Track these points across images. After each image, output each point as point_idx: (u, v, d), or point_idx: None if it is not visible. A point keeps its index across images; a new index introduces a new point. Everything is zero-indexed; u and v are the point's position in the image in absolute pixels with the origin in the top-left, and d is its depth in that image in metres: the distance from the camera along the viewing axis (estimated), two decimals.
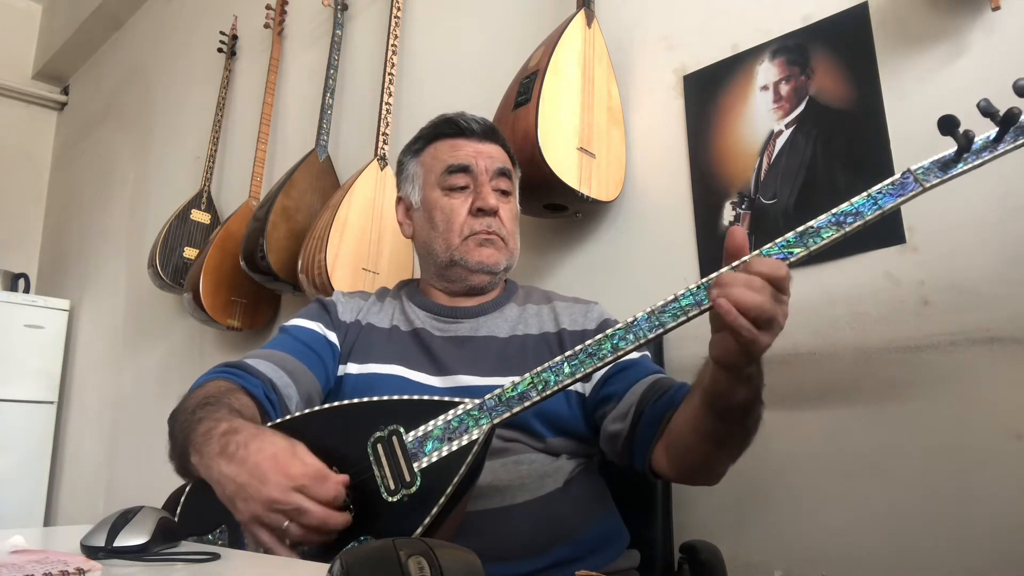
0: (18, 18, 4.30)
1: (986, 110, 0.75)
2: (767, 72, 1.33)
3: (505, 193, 1.14)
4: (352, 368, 1.06)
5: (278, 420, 0.92)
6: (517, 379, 0.82)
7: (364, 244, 1.82)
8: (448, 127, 1.15)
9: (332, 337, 1.09)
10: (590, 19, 1.51)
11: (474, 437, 0.80)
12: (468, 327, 1.10)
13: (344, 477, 0.78)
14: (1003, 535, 0.98)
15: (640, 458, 0.96)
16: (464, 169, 1.11)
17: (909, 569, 1.05)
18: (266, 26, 2.63)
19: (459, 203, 1.10)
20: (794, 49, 1.30)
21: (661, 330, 0.78)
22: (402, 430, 0.82)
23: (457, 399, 0.83)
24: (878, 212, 0.76)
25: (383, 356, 1.07)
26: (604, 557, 0.98)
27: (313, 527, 0.75)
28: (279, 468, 0.75)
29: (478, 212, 1.09)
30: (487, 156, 1.12)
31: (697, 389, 0.86)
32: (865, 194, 0.77)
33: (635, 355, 1.02)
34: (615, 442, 0.99)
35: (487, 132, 1.15)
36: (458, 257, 1.10)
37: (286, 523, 0.74)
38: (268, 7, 2.63)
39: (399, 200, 1.21)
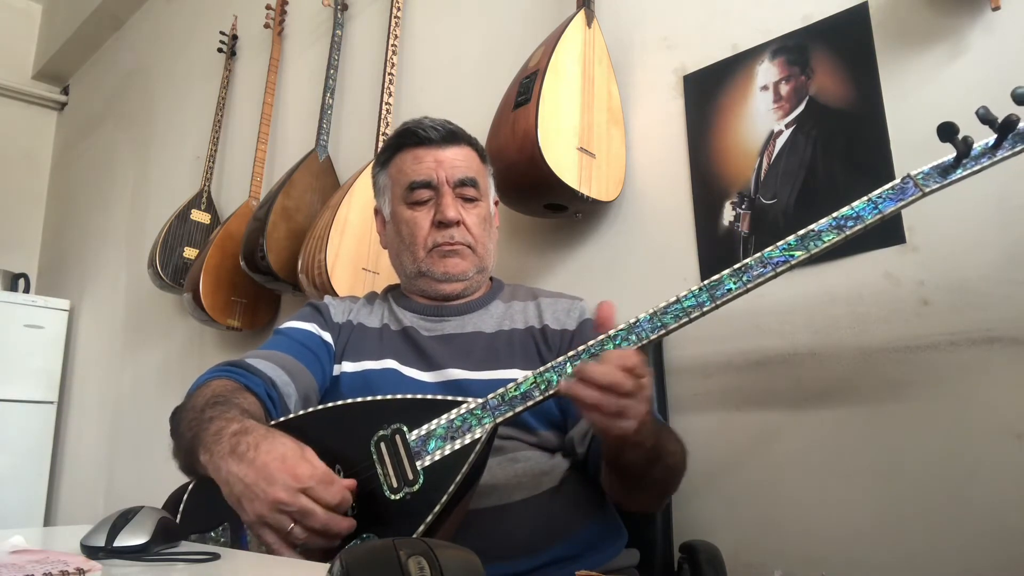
0: (18, 18, 4.30)
1: (985, 117, 0.75)
2: (767, 72, 1.33)
3: (470, 199, 1.14)
4: (347, 367, 1.08)
5: (281, 419, 0.92)
6: (520, 379, 0.82)
7: (364, 244, 1.82)
8: (409, 137, 1.14)
9: (327, 337, 1.10)
10: (590, 19, 1.51)
11: (477, 436, 0.80)
12: (454, 324, 1.12)
13: (351, 482, 0.78)
14: (1003, 535, 0.98)
15: (595, 479, 1.02)
16: (425, 185, 1.11)
17: (909, 569, 1.06)
18: (266, 26, 2.63)
19: (422, 215, 1.12)
20: (794, 49, 1.30)
21: (663, 331, 0.79)
22: (405, 429, 0.82)
23: (460, 398, 0.84)
24: (878, 216, 0.77)
25: (376, 353, 1.08)
26: (602, 555, 0.98)
27: (317, 530, 0.75)
28: (286, 469, 0.74)
29: (439, 225, 1.11)
30: (449, 165, 1.12)
31: None
32: (866, 198, 0.78)
33: None
34: (578, 457, 1.04)
35: (447, 137, 1.13)
36: (425, 268, 1.12)
37: (291, 525, 0.74)
38: (268, 7, 2.63)
39: (376, 211, 1.22)
